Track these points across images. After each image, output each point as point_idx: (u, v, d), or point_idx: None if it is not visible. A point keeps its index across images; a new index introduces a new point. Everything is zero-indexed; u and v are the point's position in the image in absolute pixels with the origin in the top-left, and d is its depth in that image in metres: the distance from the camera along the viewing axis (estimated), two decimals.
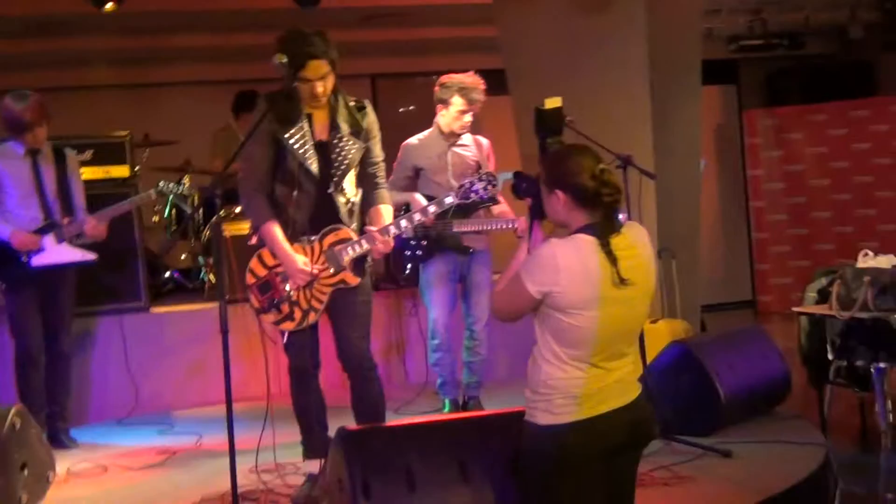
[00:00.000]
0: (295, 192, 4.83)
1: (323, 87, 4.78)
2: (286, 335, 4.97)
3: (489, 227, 6.27)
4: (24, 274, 6.25)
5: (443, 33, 10.52)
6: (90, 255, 6.39)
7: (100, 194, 6.84)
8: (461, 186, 5.17)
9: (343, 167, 4.88)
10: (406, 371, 7.75)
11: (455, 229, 6.23)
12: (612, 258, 3.40)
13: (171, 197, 6.36)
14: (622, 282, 3.39)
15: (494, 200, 6.32)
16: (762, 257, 12.01)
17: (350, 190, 4.95)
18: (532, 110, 5.92)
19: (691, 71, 8.30)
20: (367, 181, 5.02)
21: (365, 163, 4.99)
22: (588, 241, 3.43)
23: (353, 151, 4.90)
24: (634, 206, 5.79)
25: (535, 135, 5.67)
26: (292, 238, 4.85)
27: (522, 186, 3.77)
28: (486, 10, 8.41)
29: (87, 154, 7.44)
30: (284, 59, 4.69)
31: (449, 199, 5.22)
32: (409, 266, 6.37)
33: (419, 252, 6.28)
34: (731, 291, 12.02)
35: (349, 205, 4.94)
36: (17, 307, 6.34)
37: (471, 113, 6.31)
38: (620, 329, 3.48)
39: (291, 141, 4.81)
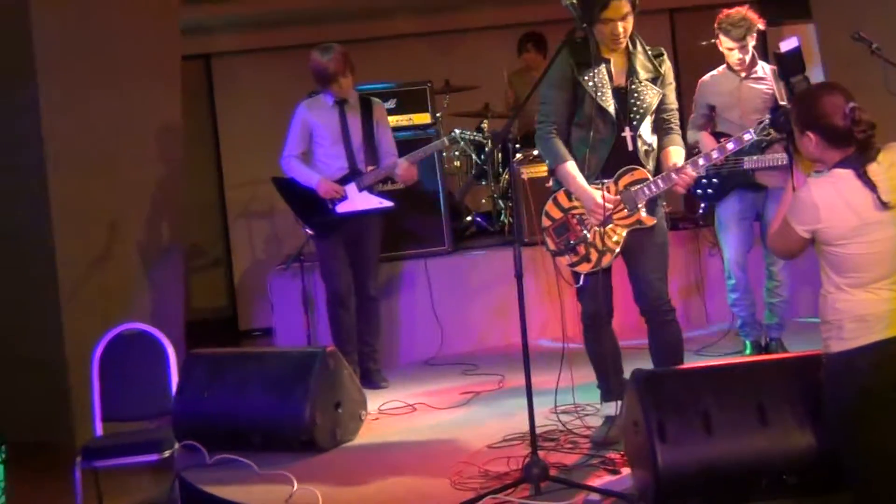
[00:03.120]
0: (592, 135, 4.82)
1: (623, 28, 4.77)
2: (581, 278, 4.97)
3: (777, 164, 5.97)
4: (331, 221, 6.56)
5: None
6: (388, 203, 6.63)
7: (404, 140, 7.08)
8: (760, 123, 5.04)
9: (641, 112, 4.86)
10: (707, 312, 7.59)
11: (746, 166, 6.05)
12: (871, 185, 3.50)
13: (462, 143, 6.47)
14: (884, 205, 3.48)
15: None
16: None
17: (647, 135, 4.92)
18: (845, 35, 5.72)
19: None
20: (660, 127, 4.99)
21: (660, 109, 4.94)
22: (844, 175, 3.54)
23: (650, 97, 4.87)
24: None
25: (780, 78, 5.48)
26: (588, 179, 4.85)
27: (780, 120, 3.82)
28: None
29: (391, 102, 7.70)
30: (574, 0, 4.68)
31: (748, 136, 5.09)
32: (703, 205, 6.26)
33: (711, 191, 6.15)
34: None
35: (646, 148, 4.91)
36: (325, 252, 6.67)
37: (739, 49, 5.99)
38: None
39: (590, 84, 4.81)
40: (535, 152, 8.00)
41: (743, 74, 6.08)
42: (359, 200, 6.57)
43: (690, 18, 10.96)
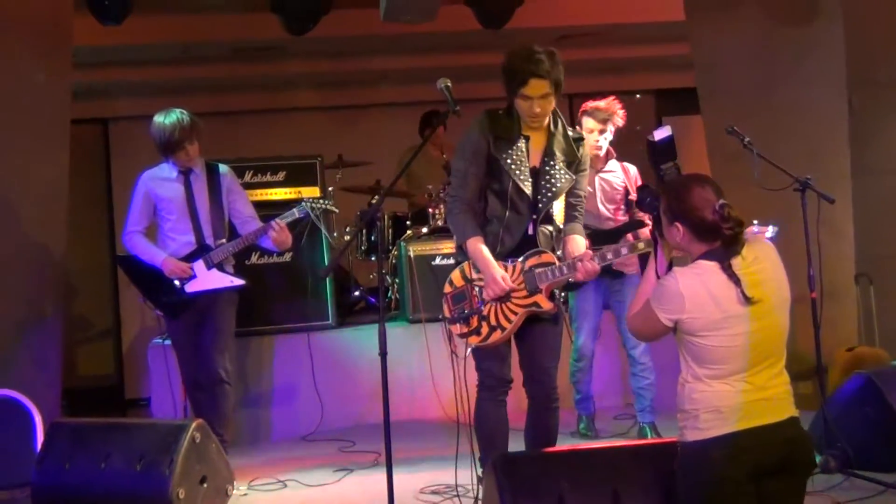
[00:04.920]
0: (507, 213, 4.82)
1: (541, 108, 4.73)
2: (467, 351, 4.94)
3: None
4: (180, 301, 6.19)
5: (637, 52, 10.44)
6: (239, 281, 6.24)
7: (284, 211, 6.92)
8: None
9: (549, 195, 4.83)
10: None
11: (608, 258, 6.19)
12: (736, 279, 3.50)
13: (312, 214, 6.18)
14: (748, 300, 3.49)
15: (642, 224, 6.34)
16: None
17: (556, 218, 4.91)
18: (724, 130, 5.90)
19: (894, 88, 7.93)
20: (566, 212, 4.97)
21: (569, 193, 4.93)
22: (710, 267, 3.55)
23: (562, 181, 4.84)
24: (814, 230, 5.57)
25: (651, 165, 5.63)
26: (497, 257, 4.82)
27: (647, 201, 3.88)
28: (680, 28, 8.30)
29: (281, 175, 7.69)
30: (448, 84, 4.73)
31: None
32: (562, 294, 6.35)
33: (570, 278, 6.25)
34: None
35: (552, 233, 4.90)
36: (177, 336, 6.30)
37: (599, 134, 6.33)
38: (758, 342, 3.53)
39: (508, 161, 4.78)
40: (424, 230, 8.08)
41: (599, 167, 6.31)
42: (208, 279, 6.18)
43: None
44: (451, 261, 5.12)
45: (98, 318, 10.65)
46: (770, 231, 5.86)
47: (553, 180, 4.83)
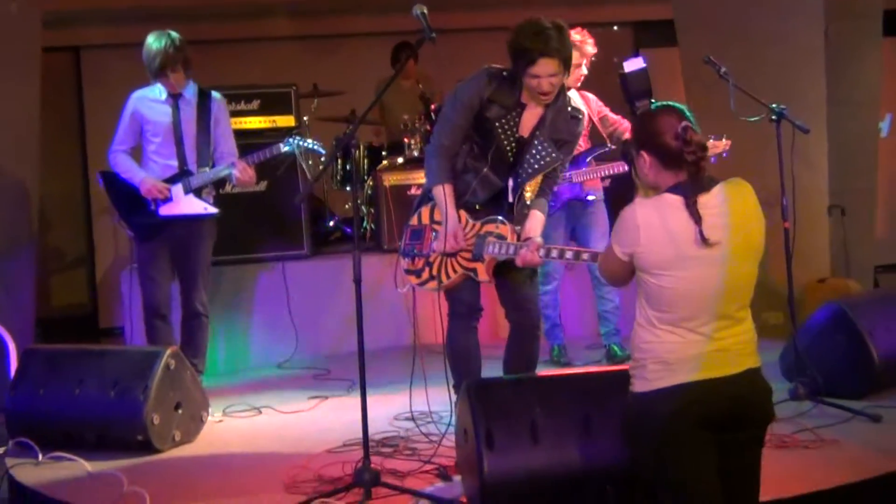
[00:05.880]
0: (486, 170, 4.79)
1: (550, 86, 4.62)
2: (407, 287, 5.00)
3: (603, 173, 6.45)
4: (153, 224, 6.10)
5: None
6: (213, 210, 6.14)
7: (266, 143, 6.59)
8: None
9: (532, 170, 4.78)
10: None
11: (575, 181, 6.35)
12: (697, 217, 3.29)
13: (296, 150, 6.12)
14: (705, 241, 3.27)
15: (604, 146, 6.49)
16: None
17: (529, 194, 4.86)
18: (701, 60, 5.86)
19: (871, 19, 7.91)
20: (543, 186, 4.92)
21: (552, 169, 4.87)
22: (672, 200, 3.35)
23: (547, 160, 4.77)
24: (789, 160, 5.59)
25: (625, 101, 5.58)
26: (464, 207, 4.81)
27: (628, 152, 3.71)
28: None
29: (255, 104, 7.63)
30: (423, 10, 4.69)
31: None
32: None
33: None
34: None
35: (521, 206, 4.85)
36: (144, 257, 6.20)
37: (585, 65, 6.36)
38: (716, 290, 3.32)
39: (497, 125, 4.72)
40: (400, 160, 8.07)
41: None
42: (183, 203, 6.07)
43: None
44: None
45: (71, 247, 10.59)
46: (723, 145, 5.91)
47: (539, 156, 4.76)
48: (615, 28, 11.49)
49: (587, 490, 4.06)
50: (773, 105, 5.65)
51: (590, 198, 6.50)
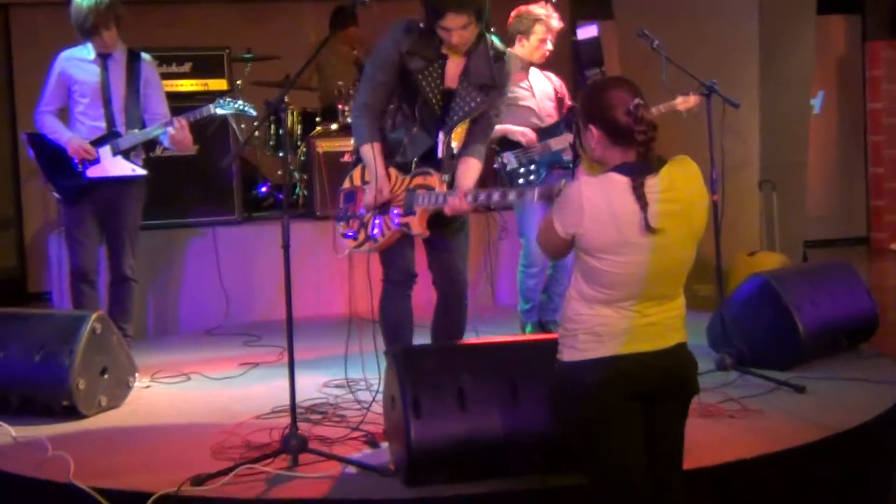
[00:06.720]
0: (415, 128, 4.74)
1: (460, 38, 4.57)
2: (346, 252, 4.96)
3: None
4: (80, 185, 5.98)
5: None
6: (141, 171, 6.05)
7: (197, 106, 6.42)
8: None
9: (456, 119, 4.71)
10: (494, 295, 7.72)
11: (554, 148, 6.27)
12: (643, 202, 3.21)
13: (225, 112, 6.03)
14: (649, 229, 3.21)
15: None
16: (878, 193, 11.60)
17: (455, 143, 4.78)
18: (636, 35, 5.87)
19: None
20: (474, 132, 4.82)
21: (481, 115, 4.79)
22: (619, 181, 3.25)
23: (472, 104, 4.70)
24: (719, 136, 5.64)
25: (577, 70, 5.56)
26: (396, 167, 4.76)
27: (572, 119, 3.63)
28: None
29: (187, 66, 7.53)
30: None
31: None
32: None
33: (533, 177, 6.22)
34: (844, 227, 11.65)
35: (450, 151, 4.78)
36: (70, 220, 6.08)
37: (551, 40, 6.33)
38: (654, 275, 3.28)
39: (420, 78, 4.66)
40: (334, 126, 8.02)
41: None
42: (111, 165, 5.95)
43: None
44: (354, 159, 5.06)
45: None
46: (694, 100, 5.91)
47: (462, 103, 4.69)
48: (553, 0, 11.48)
49: (514, 457, 4.08)
50: (705, 80, 5.68)
51: (567, 158, 6.31)
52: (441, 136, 4.75)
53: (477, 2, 4.53)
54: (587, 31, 5.55)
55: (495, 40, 4.81)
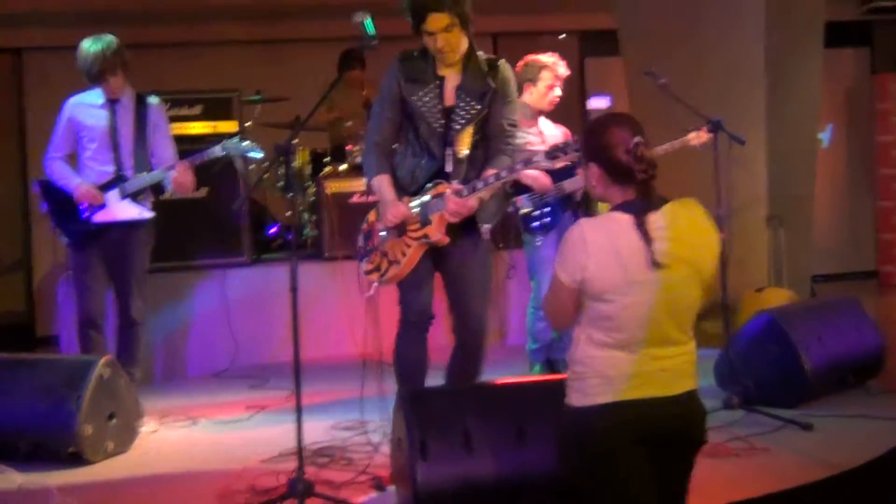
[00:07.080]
0: (424, 157, 4.77)
1: (446, 42, 4.62)
2: (372, 288, 4.92)
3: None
4: (87, 230, 6.00)
5: None
6: (148, 213, 6.06)
7: (202, 150, 6.42)
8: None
9: (459, 126, 4.73)
10: (503, 333, 7.71)
11: (568, 189, 6.28)
12: (647, 238, 3.16)
13: (232, 154, 6.02)
14: (656, 265, 3.16)
15: None
16: (887, 227, 11.55)
17: (464, 149, 4.78)
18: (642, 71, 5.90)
19: (813, 32, 7.99)
20: (491, 143, 4.83)
21: (490, 123, 4.79)
22: (621, 220, 3.21)
23: (472, 112, 4.73)
24: (725, 173, 5.64)
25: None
26: (411, 195, 4.78)
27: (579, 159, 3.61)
28: None
29: (197, 108, 7.56)
30: (365, 19, 4.66)
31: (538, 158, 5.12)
32: (540, 239, 6.32)
33: (548, 219, 6.25)
34: (853, 261, 11.57)
35: (457, 158, 4.76)
36: (78, 265, 6.11)
37: (558, 87, 6.37)
38: (661, 314, 3.22)
39: (419, 103, 4.72)
40: (343, 167, 8.04)
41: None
42: (118, 209, 5.97)
43: (513, 44, 11.17)
44: (368, 199, 5.09)
45: (8, 253, 10.44)
46: (707, 136, 5.88)
47: (463, 112, 4.74)
48: (561, 37, 11.52)
49: (521, 500, 4.05)
50: (711, 116, 5.70)
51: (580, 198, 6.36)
52: (448, 151, 4.76)
53: (458, 5, 4.60)
54: (599, 102, 5.61)
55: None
